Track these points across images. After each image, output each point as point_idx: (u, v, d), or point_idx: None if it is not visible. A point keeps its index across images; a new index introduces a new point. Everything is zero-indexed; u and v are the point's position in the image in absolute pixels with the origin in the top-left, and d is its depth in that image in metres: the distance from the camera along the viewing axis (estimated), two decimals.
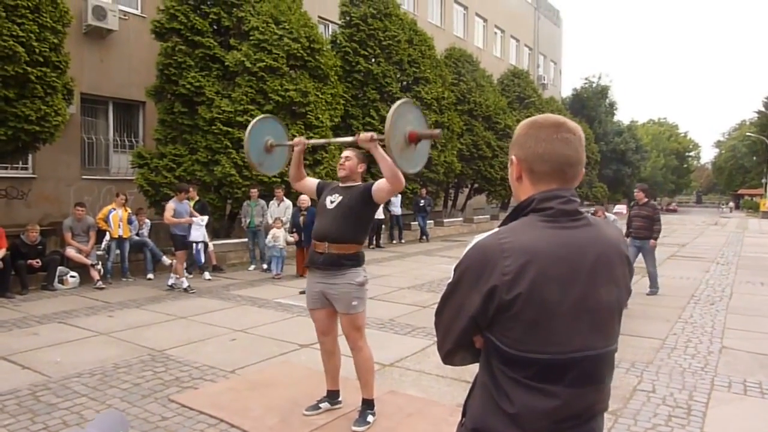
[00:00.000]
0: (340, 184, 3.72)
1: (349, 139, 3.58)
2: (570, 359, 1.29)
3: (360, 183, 3.71)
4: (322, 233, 3.59)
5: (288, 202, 10.86)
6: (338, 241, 3.51)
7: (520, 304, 1.26)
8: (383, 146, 3.24)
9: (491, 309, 1.28)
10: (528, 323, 1.27)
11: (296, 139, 3.83)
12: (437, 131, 3.15)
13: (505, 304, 1.27)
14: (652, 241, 8.32)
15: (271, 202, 11.05)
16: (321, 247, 3.56)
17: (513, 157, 1.43)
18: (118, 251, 9.59)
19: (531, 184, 1.40)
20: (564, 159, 1.38)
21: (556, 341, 1.28)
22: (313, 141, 4.26)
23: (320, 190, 3.81)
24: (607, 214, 8.01)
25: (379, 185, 3.50)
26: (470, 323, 1.33)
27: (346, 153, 3.75)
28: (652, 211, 8.32)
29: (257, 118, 3.97)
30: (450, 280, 1.37)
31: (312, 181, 3.94)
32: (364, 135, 3.40)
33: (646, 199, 8.48)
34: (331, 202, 3.62)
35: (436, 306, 1.42)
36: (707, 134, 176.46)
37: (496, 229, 1.34)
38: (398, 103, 3.01)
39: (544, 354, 1.28)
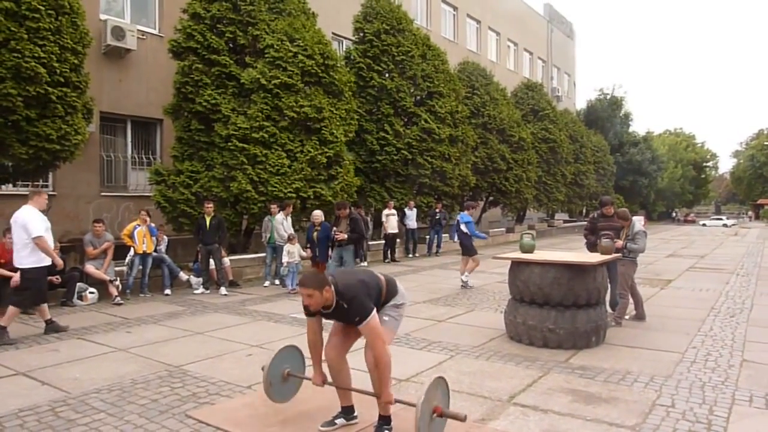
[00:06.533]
0: (322, 309, 3.59)
1: (370, 392, 3.71)
2: None
3: (338, 302, 3.53)
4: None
5: (281, 216, 10.83)
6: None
7: None
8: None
9: None
10: None
11: (315, 379, 3.90)
12: (463, 414, 3.45)
13: None
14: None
15: (278, 216, 10.94)
16: None
17: None
18: (140, 266, 9.72)
19: None
20: None
21: None
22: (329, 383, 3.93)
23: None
24: (634, 219, 7.57)
25: (364, 334, 3.56)
26: None
27: (305, 291, 3.44)
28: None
29: (276, 352, 4.16)
30: None
31: (315, 324, 3.84)
32: (388, 399, 3.59)
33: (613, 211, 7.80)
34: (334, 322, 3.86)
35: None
36: (725, 144, 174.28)
37: None
38: (432, 380, 3.46)
39: None
